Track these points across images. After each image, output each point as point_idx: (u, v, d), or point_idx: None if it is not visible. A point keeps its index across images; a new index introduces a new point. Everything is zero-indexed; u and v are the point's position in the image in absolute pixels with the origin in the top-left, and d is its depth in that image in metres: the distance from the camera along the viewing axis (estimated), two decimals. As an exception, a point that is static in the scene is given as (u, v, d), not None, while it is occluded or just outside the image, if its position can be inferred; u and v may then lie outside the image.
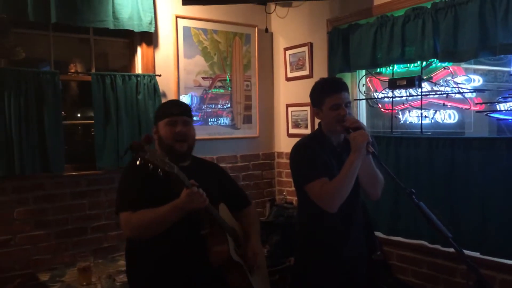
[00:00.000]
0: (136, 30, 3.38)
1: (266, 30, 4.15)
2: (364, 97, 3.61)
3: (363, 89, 3.61)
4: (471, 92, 2.89)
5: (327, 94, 2.13)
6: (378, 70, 3.47)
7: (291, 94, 4.19)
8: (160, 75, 3.56)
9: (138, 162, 1.65)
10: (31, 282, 2.99)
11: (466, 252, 2.68)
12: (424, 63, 3.11)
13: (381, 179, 2.20)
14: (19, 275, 2.98)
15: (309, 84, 3.90)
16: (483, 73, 2.93)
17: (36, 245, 3.08)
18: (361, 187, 2.21)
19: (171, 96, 3.69)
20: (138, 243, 1.98)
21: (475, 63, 2.96)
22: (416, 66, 3.19)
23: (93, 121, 3.29)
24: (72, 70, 3.53)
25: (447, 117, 3.05)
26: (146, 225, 1.85)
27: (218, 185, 2.19)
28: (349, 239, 2.23)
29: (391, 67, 3.33)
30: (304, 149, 2.20)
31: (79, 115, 3.78)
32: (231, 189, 2.30)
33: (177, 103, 2.22)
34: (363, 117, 3.65)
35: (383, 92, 3.43)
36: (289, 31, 4.16)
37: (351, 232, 2.24)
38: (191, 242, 1.97)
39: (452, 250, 2.77)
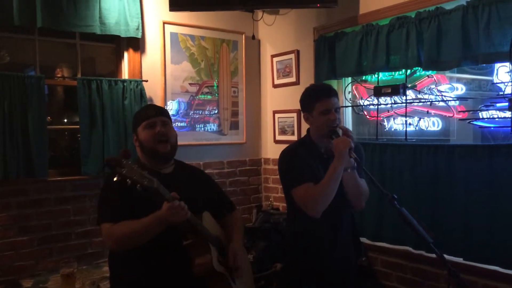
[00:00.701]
0: (123, 35, 3.38)
1: (253, 37, 4.18)
2: (350, 104, 3.64)
3: (349, 96, 3.65)
4: (454, 100, 2.94)
5: (317, 99, 2.18)
6: (363, 77, 3.51)
7: (278, 100, 4.22)
8: (147, 81, 3.55)
9: (115, 178, 1.62)
10: (13, 288, 2.95)
11: (450, 257, 2.71)
12: (409, 71, 3.16)
13: (365, 191, 2.23)
14: (1, 282, 2.93)
15: (295, 91, 3.97)
16: (466, 82, 2.98)
17: (19, 251, 3.04)
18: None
19: (158, 101, 3.68)
20: (121, 253, 1.95)
21: (459, 72, 3.01)
22: (401, 74, 3.24)
23: (78, 126, 3.27)
24: (59, 75, 3.51)
25: (431, 124, 3.09)
26: (127, 237, 1.82)
27: (202, 192, 2.17)
28: (337, 245, 2.25)
29: (376, 75, 3.37)
30: (292, 154, 2.25)
31: (65, 120, 3.76)
32: (216, 195, 2.28)
33: (151, 106, 2.16)
34: (349, 124, 3.69)
35: (369, 99, 3.47)
36: (276, 39, 4.19)
37: (339, 238, 2.26)
38: (174, 252, 1.94)
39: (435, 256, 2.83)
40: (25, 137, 3.00)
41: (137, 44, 3.57)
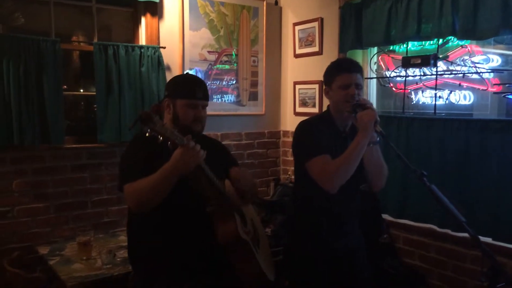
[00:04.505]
0: (140, -2, 3.26)
1: (276, 3, 4.00)
2: (375, 76, 3.48)
3: (374, 67, 3.48)
4: (489, 72, 2.77)
5: (338, 73, 2.11)
6: (391, 47, 3.34)
7: (299, 71, 4.07)
8: (164, 47, 3.43)
9: (147, 134, 1.59)
10: (30, 255, 2.94)
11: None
12: (441, 41, 2.98)
13: (386, 169, 2.14)
14: (18, 248, 2.92)
15: (318, 61, 3.82)
16: (502, 55, 2.80)
17: (35, 218, 3.02)
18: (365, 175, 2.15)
19: (176, 69, 3.57)
20: (142, 217, 1.90)
21: (495, 43, 2.83)
22: (432, 44, 3.06)
23: (94, 93, 3.19)
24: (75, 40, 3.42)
25: (462, 98, 2.93)
26: (146, 190, 1.76)
27: (221, 162, 2.12)
28: (344, 226, 2.18)
29: (404, 45, 3.20)
30: (309, 126, 2.19)
31: (81, 90, 3.69)
32: (230, 163, 2.22)
33: (200, 84, 2.02)
34: (373, 97, 3.54)
35: (396, 71, 3.31)
36: (299, 5, 4.01)
37: (345, 219, 2.18)
38: (196, 219, 1.90)
39: (462, 235, 2.73)
40: (41, 102, 2.94)
41: (155, 8, 3.43)
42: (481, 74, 2.80)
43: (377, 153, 2.05)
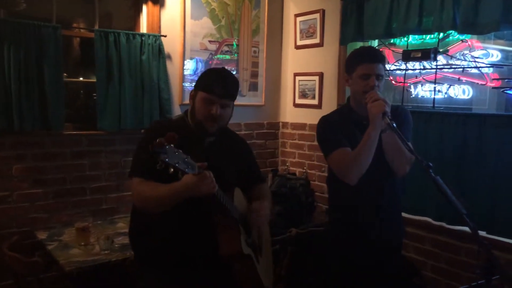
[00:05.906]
0: (142, -14, 3.25)
1: (277, -6, 3.99)
2: (375, 69, 3.48)
3: (374, 60, 3.48)
4: (489, 67, 2.78)
5: (360, 62, 2.07)
6: (392, 41, 3.35)
7: (299, 62, 4.07)
8: (165, 36, 3.43)
9: (158, 166, 1.52)
10: (29, 240, 2.96)
11: (472, 230, 2.62)
12: (441, 34, 2.98)
13: (409, 154, 2.10)
14: (16, 232, 2.94)
15: (319, 53, 3.83)
16: (502, 51, 2.81)
17: (34, 203, 3.03)
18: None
19: (176, 58, 3.57)
20: (147, 215, 1.88)
21: (495, 39, 2.84)
22: (432, 38, 3.07)
23: (95, 81, 3.19)
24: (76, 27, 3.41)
25: (461, 92, 2.94)
26: (151, 200, 1.76)
27: (237, 164, 2.06)
28: (378, 216, 2.14)
29: (405, 38, 3.21)
30: (324, 123, 2.21)
31: (82, 78, 3.68)
32: (248, 167, 2.17)
33: (223, 80, 1.89)
34: (372, 89, 3.55)
35: (396, 64, 3.32)
36: (301, -3, 4.01)
37: (380, 208, 2.14)
38: (201, 225, 1.88)
39: (457, 228, 2.76)
40: (41, 88, 2.93)
41: (156, -4, 3.43)
42: (480, 68, 2.81)
43: (392, 139, 1.99)
